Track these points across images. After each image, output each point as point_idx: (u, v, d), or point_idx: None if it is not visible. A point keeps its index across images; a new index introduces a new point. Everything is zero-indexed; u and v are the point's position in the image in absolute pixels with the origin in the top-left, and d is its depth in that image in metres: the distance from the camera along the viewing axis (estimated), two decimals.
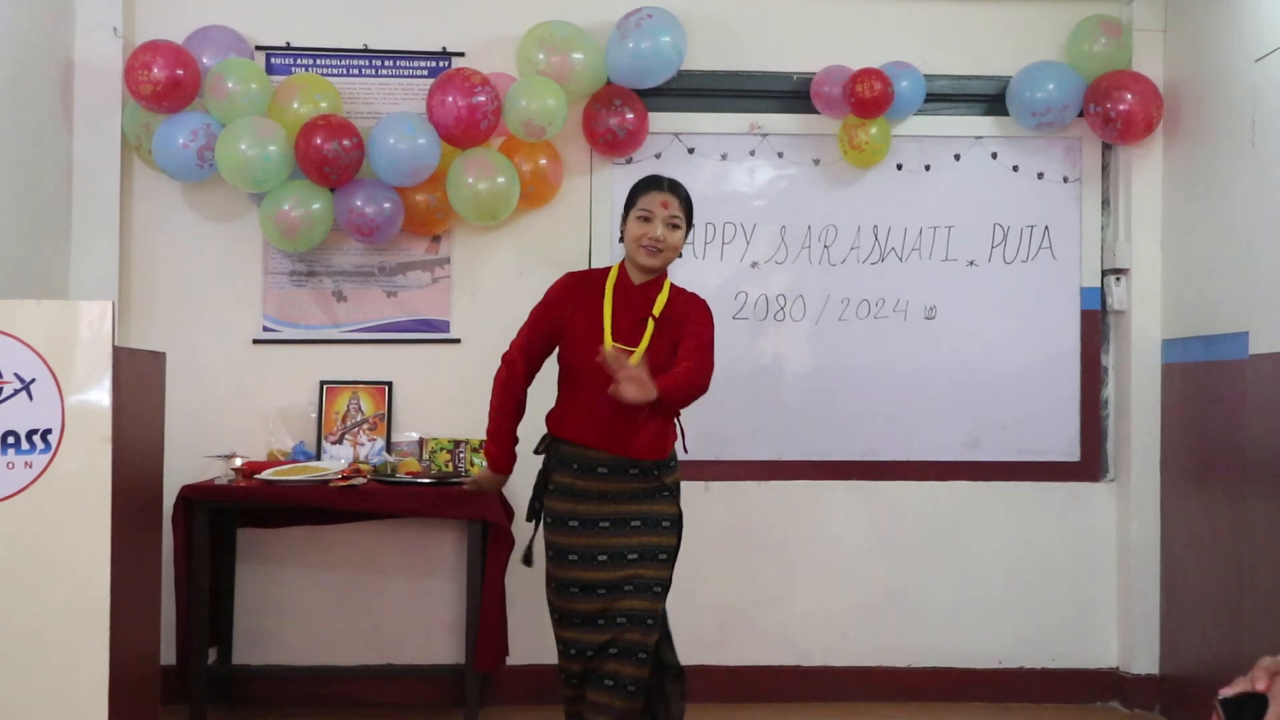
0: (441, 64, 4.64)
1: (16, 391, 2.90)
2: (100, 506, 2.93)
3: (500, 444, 3.60)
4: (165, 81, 4.25)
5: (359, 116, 4.52)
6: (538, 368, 3.58)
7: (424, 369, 4.65)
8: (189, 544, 4.14)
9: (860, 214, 4.77)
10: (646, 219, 3.43)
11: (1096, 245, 4.79)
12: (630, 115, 4.52)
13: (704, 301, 3.56)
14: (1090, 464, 4.79)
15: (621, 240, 3.51)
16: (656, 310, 3.47)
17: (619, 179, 4.69)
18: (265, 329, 4.63)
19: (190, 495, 4.15)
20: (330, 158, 4.22)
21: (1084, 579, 4.76)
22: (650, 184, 3.49)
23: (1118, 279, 4.73)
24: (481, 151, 4.42)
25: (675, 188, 3.49)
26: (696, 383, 3.38)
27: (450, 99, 4.28)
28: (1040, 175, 4.80)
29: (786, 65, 4.73)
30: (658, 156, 4.71)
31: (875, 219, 4.78)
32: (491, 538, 4.26)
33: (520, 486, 4.54)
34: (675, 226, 3.44)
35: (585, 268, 4.68)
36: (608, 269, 3.56)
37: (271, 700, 4.57)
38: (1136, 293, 4.69)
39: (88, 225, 4.46)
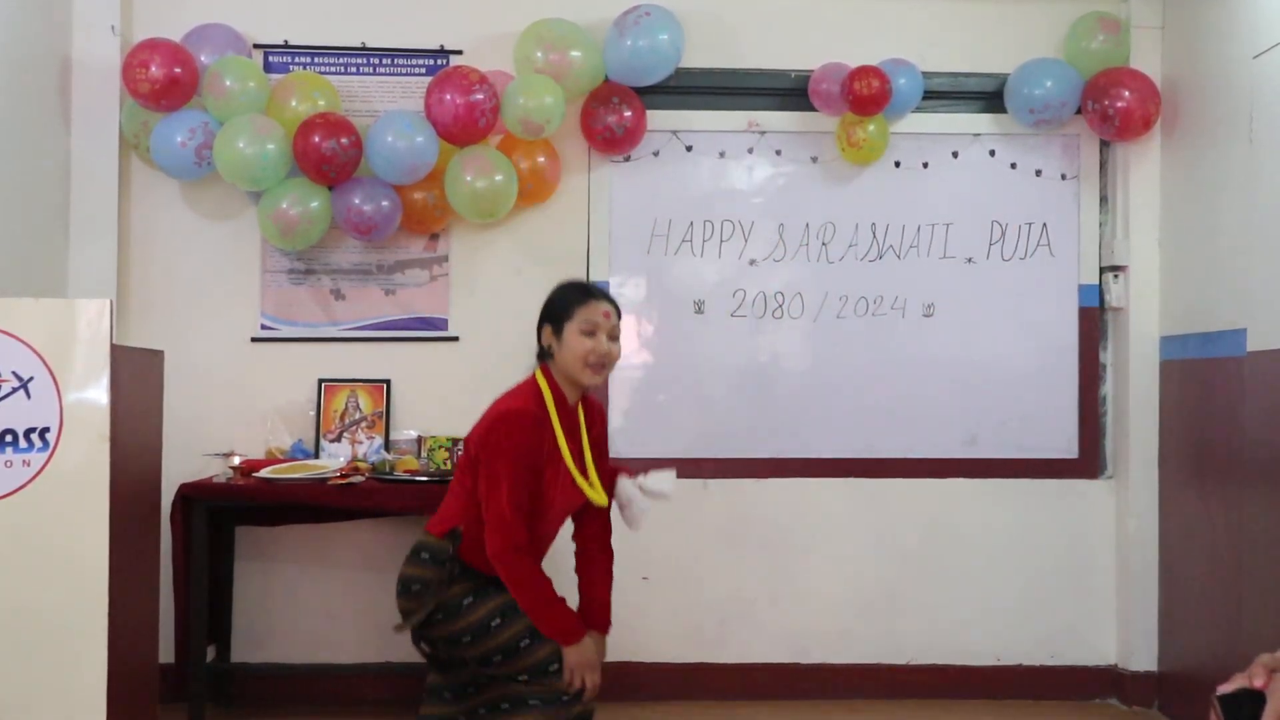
0: (439, 62, 4.64)
1: (15, 390, 2.90)
2: (99, 505, 2.93)
3: (567, 607, 3.11)
4: (163, 80, 4.25)
5: (357, 114, 4.52)
6: None
7: (422, 367, 4.65)
8: (187, 542, 4.14)
9: (858, 211, 4.77)
10: (590, 333, 3.09)
11: (1095, 242, 4.79)
12: (628, 113, 4.52)
13: (599, 404, 3.33)
14: (1089, 461, 4.79)
15: (546, 353, 3.15)
16: (586, 431, 3.20)
17: (617, 176, 4.70)
18: (263, 327, 4.63)
19: (189, 493, 4.14)
20: (328, 156, 4.22)
21: (1082, 576, 4.76)
22: (585, 293, 3.18)
23: (1116, 276, 4.73)
24: (479, 149, 4.42)
25: (609, 297, 3.21)
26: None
27: (448, 97, 4.28)
28: (1038, 172, 4.80)
29: (784, 63, 4.72)
30: (655, 154, 4.71)
31: (873, 216, 4.78)
32: None
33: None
34: (616, 339, 3.16)
35: (582, 268, 4.68)
36: (538, 392, 3.12)
37: (270, 698, 4.57)
38: (1135, 289, 4.69)
39: (86, 223, 4.46)
